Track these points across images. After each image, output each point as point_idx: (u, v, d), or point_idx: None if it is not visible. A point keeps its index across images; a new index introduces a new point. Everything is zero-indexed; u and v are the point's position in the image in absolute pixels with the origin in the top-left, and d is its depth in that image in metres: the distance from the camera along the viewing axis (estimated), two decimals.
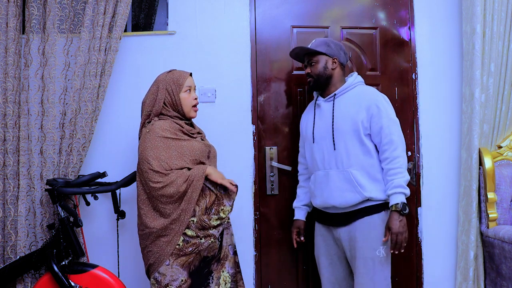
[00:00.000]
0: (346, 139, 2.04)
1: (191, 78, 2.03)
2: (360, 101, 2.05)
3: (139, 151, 1.90)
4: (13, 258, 2.17)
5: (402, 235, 1.94)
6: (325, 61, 2.12)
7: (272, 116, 2.55)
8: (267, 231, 2.51)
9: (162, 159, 1.84)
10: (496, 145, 2.55)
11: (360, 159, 2.02)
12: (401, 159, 1.99)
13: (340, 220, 2.05)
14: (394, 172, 1.97)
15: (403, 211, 1.94)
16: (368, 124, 2.03)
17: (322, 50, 2.11)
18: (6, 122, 2.18)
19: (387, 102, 2.08)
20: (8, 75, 2.18)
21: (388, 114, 2.02)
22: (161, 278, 1.82)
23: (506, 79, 2.51)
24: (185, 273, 1.83)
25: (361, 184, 1.99)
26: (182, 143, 1.91)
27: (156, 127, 1.89)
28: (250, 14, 2.54)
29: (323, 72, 2.12)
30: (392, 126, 2.01)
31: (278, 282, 2.52)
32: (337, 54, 2.13)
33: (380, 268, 1.98)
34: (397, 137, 2.00)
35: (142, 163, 1.86)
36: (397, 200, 1.94)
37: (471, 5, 2.43)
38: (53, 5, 2.24)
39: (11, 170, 2.18)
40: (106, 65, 2.25)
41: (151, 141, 1.86)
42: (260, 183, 2.52)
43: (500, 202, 2.43)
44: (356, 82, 2.13)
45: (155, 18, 2.62)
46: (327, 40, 2.18)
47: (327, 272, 2.14)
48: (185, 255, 1.84)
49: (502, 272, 2.27)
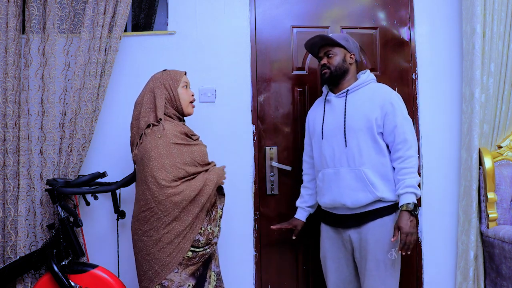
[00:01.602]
0: (359, 136, 1.99)
1: (186, 76, 2.03)
2: (374, 98, 2.01)
3: (148, 154, 1.81)
4: (13, 258, 2.17)
5: (412, 236, 1.88)
6: (343, 55, 2.09)
7: (272, 116, 2.55)
8: (267, 231, 2.51)
9: (178, 165, 1.81)
10: (496, 145, 2.55)
11: (372, 157, 1.98)
12: (414, 159, 1.95)
13: (350, 222, 2.00)
14: (407, 172, 1.93)
15: (414, 211, 1.89)
16: (382, 122, 1.99)
17: (342, 43, 2.09)
18: (6, 122, 2.18)
19: (401, 100, 2.04)
20: (8, 75, 2.18)
21: (402, 113, 1.99)
22: (169, 284, 1.80)
23: (506, 79, 2.51)
24: (191, 279, 1.84)
25: (373, 183, 1.95)
26: (192, 148, 1.89)
27: (168, 132, 1.84)
28: (250, 14, 2.54)
29: (341, 64, 2.08)
30: (406, 125, 1.98)
31: (278, 282, 2.52)
32: (354, 50, 2.12)
33: (391, 271, 1.94)
34: (411, 137, 1.97)
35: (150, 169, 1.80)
36: (408, 200, 1.89)
37: (471, 5, 2.43)
38: (53, 5, 2.24)
39: (11, 170, 2.18)
40: (106, 65, 2.26)
41: (165, 147, 1.81)
42: (260, 183, 2.52)
43: (500, 202, 2.43)
44: (369, 79, 2.09)
45: (155, 18, 2.62)
46: (346, 36, 2.17)
47: (333, 276, 2.10)
48: (193, 264, 1.85)
49: (502, 272, 2.27)
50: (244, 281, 2.46)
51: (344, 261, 2.07)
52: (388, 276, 1.94)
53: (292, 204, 2.53)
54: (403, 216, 1.89)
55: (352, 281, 2.09)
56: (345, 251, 2.06)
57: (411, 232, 1.87)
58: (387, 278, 1.93)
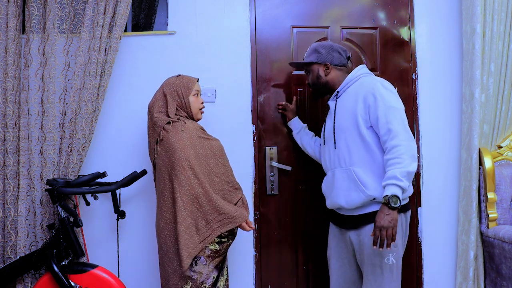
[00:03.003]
0: (347, 135, 1.96)
1: (198, 83, 2.10)
2: (358, 93, 1.95)
3: (173, 147, 1.91)
4: (13, 258, 2.17)
5: (386, 231, 1.76)
6: (316, 70, 2.11)
7: (272, 116, 2.55)
8: (267, 231, 2.51)
9: (200, 157, 1.93)
10: (496, 145, 2.55)
11: (362, 155, 1.92)
12: (401, 148, 1.80)
13: (350, 223, 1.99)
14: (391, 163, 1.81)
15: (391, 204, 1.75)
16: (367, 116, 1.91)
17: (310, 60, 2.10)
18: (6, 122, 2.18)
19: (385, 88, 1.92)
20: (8, 75, 2.18)
21: (385, 102, 1.87)
22: (197, 276, 1.88)
23: (506, 79, 2.51)
24: (215, 271, 1.93)
25: (364, 182, 1.88)
26: (211, 142, 2.01)
27: (189, 126, 1.96)
28: (250, 14, 2.54)
29: (316, 81, 2.12)
30: (390, 114, 1.85)
31: (278, 282, 2.52)
32: (328, 58, 2.08)
33: (389, 276, 1.88)
34: (396, 125, 1.83)
35: (182, 160, 1.90)
36: (388, 192, 1.77)
37: (471, 5, 2.43)
38: (53, 5, 2.24)
39: (11, 170, 2.18)
40: (106, 65, 2.25)
41: (189, 139, 1.93)
42: (260, 183, 2.51)
43: (500, 202, 2.43)
44: (358, 74, 2.03)
45: (155, 18, 2.62)
46: (317, 46, 2.12)
47: (336, 274, 2.09)
48: (219, 256, 1.94)
49: (502, 272, 2.26)
50: (244, 281, 2.46)
51: (347, 261, 2.06)
52: (385, 281, 1.88)
53: (292, 204, 2.53)
54: (381, 210, 1.79)
55: (356, 282, 2.06)
56: (348, 251, 2.05)
57: (384, 226, 1.76)
58: (384, 283, 1.88)
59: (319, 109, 2.55)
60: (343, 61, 2.10)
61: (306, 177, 2.54)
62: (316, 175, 2.42)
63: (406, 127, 1.86)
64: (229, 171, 2.04)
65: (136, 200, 2.41)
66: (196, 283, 1.87)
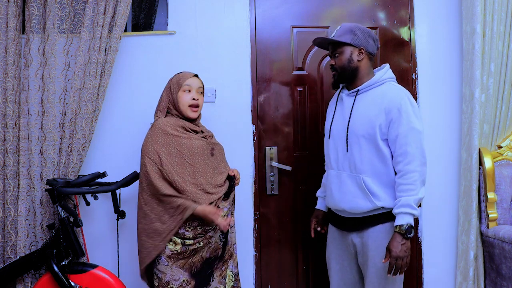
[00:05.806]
0: (361, 142, 1.87)
1: (194, 78, 2.02)
2: (382, 102, 1.85)
3: (142, 144, 1.93)
4: (13, 258, 2.17)
5: (402, 260, 1.75)
6: (350, 52, 1.92)
7: (272, 116, 2.55)
8: (267, 231, 2.51)
9: (162, 154, 1.87)
10: (496, 145, 2.55)
11: (374, 165, 1.86)
12: (416, 175, 1.78)
13: (353, 225, 1.93)
14: (404, 189, 1.78)
15: (407, 234, 1.74)
16: (386, 130, 1.83)
17: (346, 40, 1.90)
18: (6, 122, 2.18)
19: (412, 106, 1.84)
20: (8, 75, 2.18)
21: (409, 122, 1.80)
22: (162, 276, 1.84)
23: (506, 79, 2.51)
24: (186, 274, 1.86)
25: (373, 192, 1.84)
26: (182, 140, 1.91)
27: (159, 122, 1.93)
28: (250, 14, 2.54)
29: (347, 65, 1.92)
30: (411, 136, 1.79)
31: (278, 282, 2.52)
32: (364, 43, 1.92)
33: (392, 279, 1.85)
34: (414, 149, 1.79)
35: (143, 157, 1.89)
36: (402, 221, 1.76)
37: (471, 5, 2.43)
38: (53, 5, 2.24)
39: (11, 170, 2.18)
40: (106, 65, 2.26)
41: (152, 136, 1.89)
42: (260, 183, 2.52)
43: (500, 202, 2.43)
44: (385, 78, 1.92)
45: (155, 18, 2.62)
46: (353, 27, 1.93)
47: (336, 276, 2.05)
48: (183, 258, 1.87)
49: (502, 272, 2.26)
50: (244, 281, 2.45)
51: (347, 263, 2.02)
52: (389, 284, 1.87)
53: (292, 204, 2.53)
54: (395, 239, 1.76)
55: (356, 284, 2.03)
56: (348, 254, 2.00)
57: (401, 257, 1.75)
58: (388, 286, 1.87)
59: (319, 108, 2.55)
60: (375, 51, 1.99)
61: (306, 177, 2.54)
62: (316, 175, 2.42)
63: (423, 152, 1.83)
64: (199, 172, 1.90)
65: (136, 200, 2.40)
66: (162, 282, 1.84)
